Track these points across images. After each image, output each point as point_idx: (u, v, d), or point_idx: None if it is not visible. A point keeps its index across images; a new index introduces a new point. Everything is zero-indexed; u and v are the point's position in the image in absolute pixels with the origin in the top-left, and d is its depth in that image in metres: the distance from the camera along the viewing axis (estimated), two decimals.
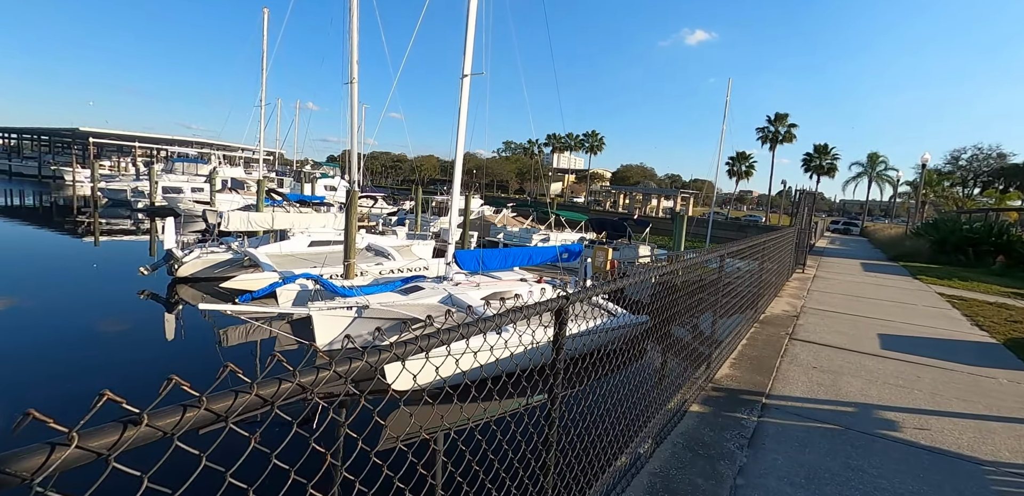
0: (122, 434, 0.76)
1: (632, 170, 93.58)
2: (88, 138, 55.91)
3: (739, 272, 6.35)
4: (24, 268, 15.91)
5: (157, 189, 32.27)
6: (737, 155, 55.00)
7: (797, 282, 10.96)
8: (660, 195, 60.63)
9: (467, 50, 10.57)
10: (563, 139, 77.15)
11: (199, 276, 14.59)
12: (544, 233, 25.57)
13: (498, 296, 11.20)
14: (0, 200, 38.87)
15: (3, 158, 67.76)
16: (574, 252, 12.99)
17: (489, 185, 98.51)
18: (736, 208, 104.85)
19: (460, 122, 10.87)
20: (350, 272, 13.54)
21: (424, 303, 10.25)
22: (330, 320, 9.68)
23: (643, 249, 23.40)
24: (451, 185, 11.53)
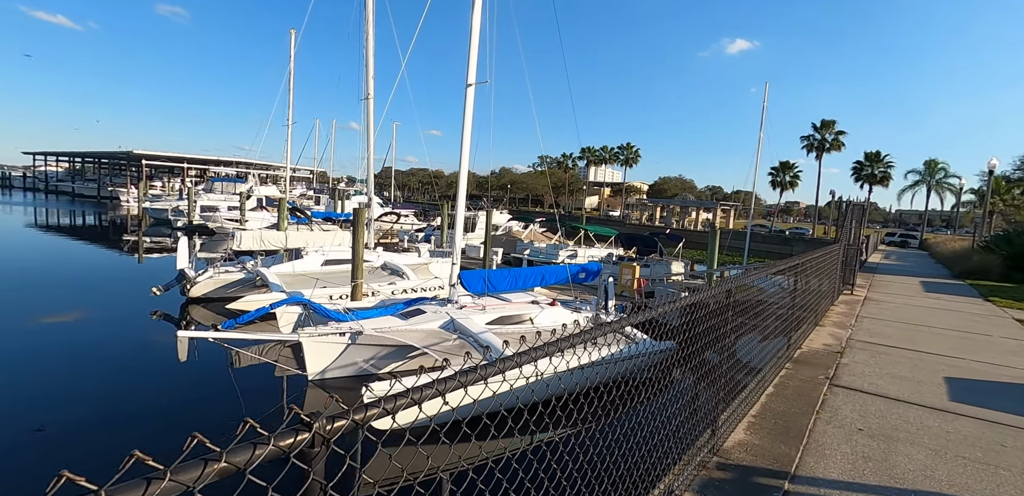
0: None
1: (670, 182, 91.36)
2: (141, 160, 58.88)
3: (778, 291, 5.32)
4: (59, 283, 16.18)
5: (195, 208, 33.23)
6: (780, 165, 52.42)
7: (844, 306, 9.62)
8: (699, 207, 58.50)
9: (471, 59, 9.96)
10: (597, 152, 76.05)
11: (211, 296, 14.39)
12: (572, 249, 24.56)
13: (506, 320, 10.36)
14: (66, 220, 41.63)
15: (67, 181, 72.38)
16: (591, 272, 12.02)
17: (524, 199, 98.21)
18: (782, 220, 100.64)
19: (464, 132, 10.23)
20: (357, 293, 12.99)
21: (423, 329, 9.51)
22: (321, 347, 9.06)
23: (676, 265, 22.07)
24: (456, 198, 10.83)
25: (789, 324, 5.70)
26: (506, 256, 24.88)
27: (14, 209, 48.61)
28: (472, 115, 10.18)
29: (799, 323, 6.28)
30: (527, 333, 10.24)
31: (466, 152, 10.31)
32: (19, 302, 13.99)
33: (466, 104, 10.08)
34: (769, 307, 5.01)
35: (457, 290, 10.65)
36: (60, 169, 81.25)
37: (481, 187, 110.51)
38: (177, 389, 8.52)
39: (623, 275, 17.74)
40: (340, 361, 9.26)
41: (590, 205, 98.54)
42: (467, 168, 10.55)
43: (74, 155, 74.13)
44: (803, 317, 6.58)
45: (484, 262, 20.18)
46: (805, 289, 6.51)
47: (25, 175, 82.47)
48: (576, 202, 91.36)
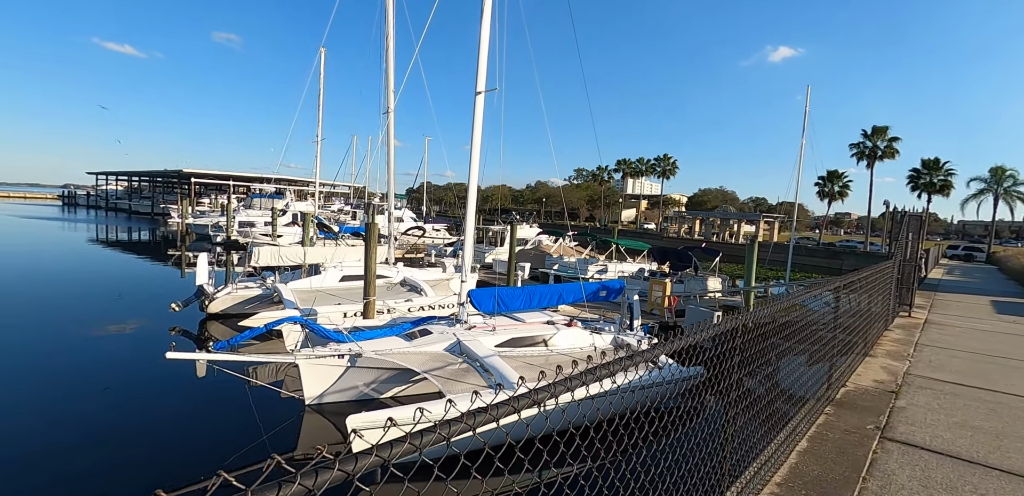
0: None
1: (710, 194, 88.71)
2: (190, 178, 61.61)
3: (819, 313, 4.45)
4: (94, 295, 16.54)
5: (234, 224, 34.13)
6: (828, 174, 49.70)
7: (900, 332, 8.43)
8: (740, 220, 56.19)
9: (480, 66, 9.49)
10: (634, 164, 74.66)
11: (230, 312, 14.29)
12: (602, 264, 23.61)
13: (518, 343, 9.64)
14: (122, 235, 44.02)
15: (125, 199, 76.57)
16: (613, 289, 11.18)
17: (559, 213, 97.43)
18: (832, 232, 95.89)
19: (474, 142, 9.71)
20: (369, 310, 12.57)
21: (427, 351, 8.91)
22: (319, 369, 8.58)
23: (712, 281, 20.80)
24: (466, 210, 10.28)
25: (829, 354, 4.77)
26: (534, 271, 24.15)
27: (77, 226, 51.60)
28: (482, 124, 9.67)
29: (848, 346, 5.32)
30: (540, 357, 9.49)
31: (475, 162, 9.77)
32: (48, 313, 14.29)
33: (475, 113, 9.58)
34: (806, 330, 4.14)
35: (466, 309, 10.03)
36: (120, 188, 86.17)
37: (516, 201, 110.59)
38: (167, 412, 8.19)
39: (653, 292, 16.71)
40: (339, 385, 8.76)
41: (627, 218, 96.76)
42: (476, 179, 10.00)
43: (131, 174, 78.50)
44: (849, 345, 5.59)
45: (508, 278, 19.53)
46: (851, 311, 5.54)
47: (88, 194, 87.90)
48: (613, 215, 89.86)
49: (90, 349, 11.33)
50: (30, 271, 21.39)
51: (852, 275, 5.54)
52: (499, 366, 8.05)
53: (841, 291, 4.85)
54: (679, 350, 2.44)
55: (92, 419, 7.85)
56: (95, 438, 7.31)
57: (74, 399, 8.50)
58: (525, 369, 8.75)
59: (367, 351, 8.54)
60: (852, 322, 5.71)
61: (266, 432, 7.97)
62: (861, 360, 6.20)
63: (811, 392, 4.45)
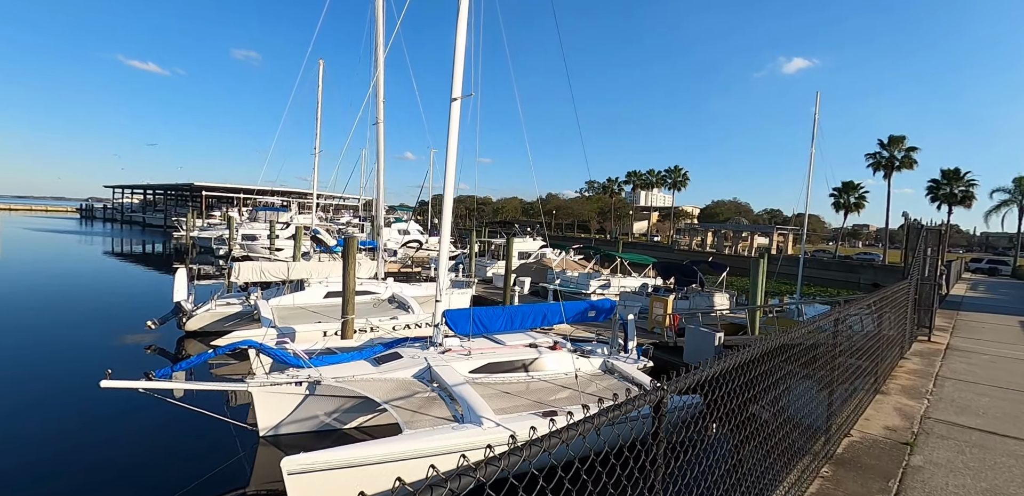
0: None
1: (723, 206, 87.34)
2: (201, 191, 62.16)
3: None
4: (81, 309, 16.12)
5: (237, 237, 33.94)
6: (843, 185, 48.29)
7: (918, 361, 7.51)
8: (754, 232, 54.87)
9: (456, 70, 8.90)
10: (644, 176, 73.81)
11: (209, 330, 13.73)
12: (605, 278, 22.80)
13: (495, 368, 8.87)
14: (134, 248, 44.63)
15: (139, 212, 77.61)
16: (602, 309, 10.40)
17: (570, 225, 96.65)
18: (850, 244, 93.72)
19: (449, 149, 9.09)
20: (347, 329, 11.90)
21: (394, 377, 8.18)
22: (274, 398, 7.89)
23: (719, 297, 19.85)
24: (441, 221, 9.62)
25: (828, 400, 3.96)
26: (535, 286, 23.39)
27: (87, 238, 52.15)
28: (458, 131, 9.04)
29: (846, 396, 4.49)
30: (519, 384, 8.71)
31: (451, 171, 9.13)
32: (26, 325, 13.90)
33: (451, 120, 8.97)
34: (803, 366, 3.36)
35: (441, 331, 9.30)
36: (135, 201, 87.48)
37: (527, 213, 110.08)
38: (106, 442, 7.56)
39: (654, 309, 15.83)
40: (297, 414, 8.06)
41: (639, 230, 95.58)
42: (452, 189, 9.36)
43: (146, 188, 79.63)
44: (857, 375, 4.75)
45: (505, 294, 18.78)
46: (853, 348, 4.71)
47: (105, 207, 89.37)
48: (624, 227, 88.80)
49: (37, 369, 10.78)
50: (20, 285, 21.17)
51: (856, 301, 4.74)
52: (468, 396, 7.29)
53: (841, 323, 4.05)
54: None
55: (22, 448, 7.23)
56: (21, 471, 6.68)
57: (2, 424, 7.91)
58: (500, 398, 7.98)
59: (326, 378, 7.84)
60: (858, 359, 4.89)
61: (216, 466, 7.29)
62: (871, 399, 5.34)
63: (806, 444, 3.64)
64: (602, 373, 9.65)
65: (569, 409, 5.18)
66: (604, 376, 9.51)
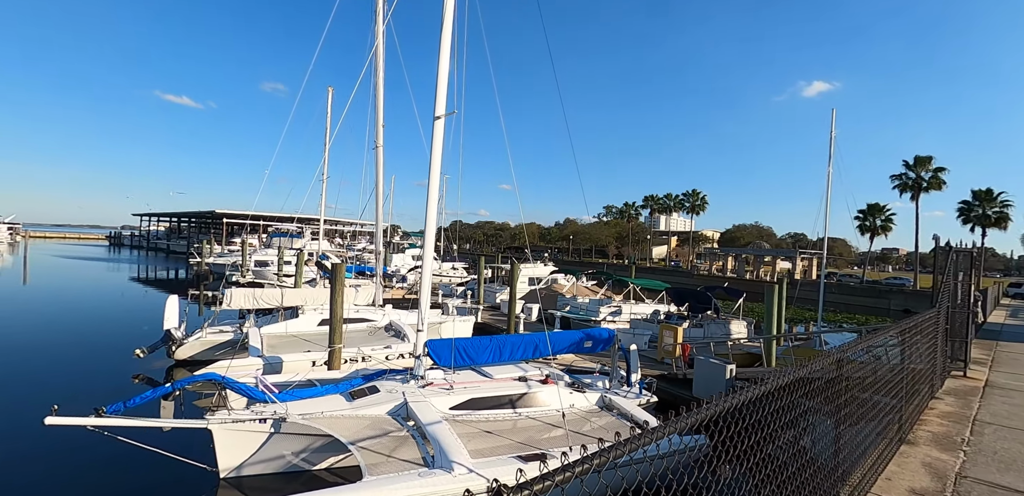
0: None
1: (744, 230, 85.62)
2: (223, 219, 63.41)
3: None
4: (86, 333, 15.94)
5: (250, 263, 34.10)
6: (868, 207, 46.72)
7: (951, 401, 6.59)
8: (776, 256, 53.23)
9: (439, 87, 8.58)
10: (661, 200, 73.00)
11: (198, 359, 13.32)
12: (616, 305, 21.90)
13: (478, 404, 8.17)
14: (160, 274, 46.01)
15: (164, 239, 79.48)
16: (599, 339, 9.67)
17: (588, 250, 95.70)
18: (879, 269, 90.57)
19: (432, 170, 8.68)
20: (335, 360, 11.36)
21: (366, 414, 7.55)
22: (236, 436, 7.30)
23: (736, 325, 18.79)
24: (424, 244, 9.12)
25: (837, 468, 3.22)
26: (543, 313, 22.63)
27: (118, 265, 53.28)
28: (441, 151, 8.65)
29: (863, 454, 3.72)
30: (504, 421, 7.98)
31: (434, 191, 8.69)
32: (15, 349, 13.69)
33: (433, 139, 8.59)
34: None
35: (423, 363, 8.67)
36: (161, 228, 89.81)
37: (544, 238, 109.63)
38: (49, 484, 7.01)
39: (663, 338, 14.94)
40: (262, 454, 7.44)
41: (658, 255, 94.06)
42: (435, 210, 8.90)
43: (171, 216, 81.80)
44: (879, 415, 3.97)
45: (509, 321, 18.08)
46: (882, 382, 3.95)
47: (132, 234, 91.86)
48: (643, 252, 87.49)
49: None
50: (31, 310, 21.27)
51: (874, 334, 4.02)
52: (442, 437, 6.61)
53: (845, 365, 3.34)
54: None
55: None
56: None
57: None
58: (482, 439, 7.26)
59: (292, 414, 7.25)
60: (885, 396, 4.13)
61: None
62: (894, 450, 4.52)
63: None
64: (598, 410, 8.86)
65: (560, 451, 4.09)
66: (600, 413, 8.72)
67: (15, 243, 79.27)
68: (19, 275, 38.62)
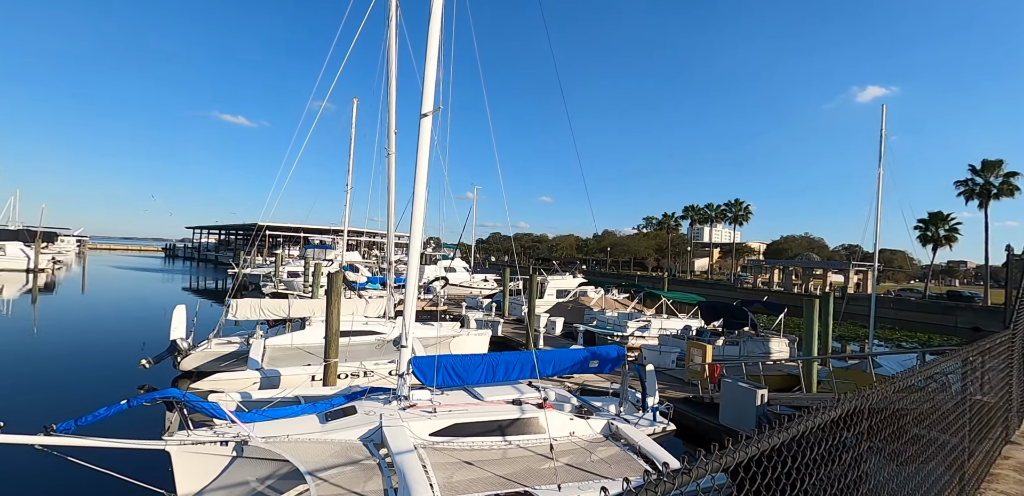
0: None
1: (792, 242, 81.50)
2: (265, 230, 65.36)
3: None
4: (111, 342, 16.13)
5: (282, 274, 34.59)
6: (930, 216, 43.19)
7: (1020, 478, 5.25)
8: (827, 269, 50.02)
9: (427, 80, 7.97)
10: (702, 210, 70.44)
11: (204, 370, 13.06)
12: (645, 319, 20.62)
13: (463, 430, 7.32)
14: (209, 284, 47.78)
15: (212, 251, 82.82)
16: (607, 358, 8.68)
17: (627, 263, 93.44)
18: (945, 283, 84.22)
19: (419, 172, 8.02)
20: (330, 375, 10.78)
21: (337, 439, 6.84)
22: (197, 459, 6.71)
23: (776, 343, 17.22)
24: (410, 252, 8.44)
25: None
26: (568, 327, 21.59)
27: (172, 276, 55.76)
28: (428, 152, 7.99)
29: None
30: (491, 451, 7.10)
31: (420, 195, 8.02)
32: (28, 358, 13.84)
33: (420, 138, 7.94)
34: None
35: (407, 382, 7.92)
36: (212, 241, 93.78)
37: (582, 250, 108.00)
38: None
39: (691, 357, 13.68)
40: (224, 479, 6.81)
41: (700, 268, 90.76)
42: (421, 217, 8.21)
43: (220, 228, 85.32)
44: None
45: (527, 336, 17.17)
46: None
47: (185, 246, 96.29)
48: (685, 265, 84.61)
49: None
50: (70, 318, 21.94)
51: (949, 357, 3.00)
52: (408, 470, 5.80)
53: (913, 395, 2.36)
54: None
55: None
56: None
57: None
58: (461, 471, 6.41)
59: (255, 437, 6.63)
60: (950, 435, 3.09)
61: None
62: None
63: None
64: (603, 439, 7.84)
65: (549, 488, 3.93)
66: (604, 443, 7.70)
67: (83, 254, 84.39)
68: (79, 285, 40.78)
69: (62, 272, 51.69)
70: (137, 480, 6.55)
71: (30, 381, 12.70)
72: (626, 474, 6.75)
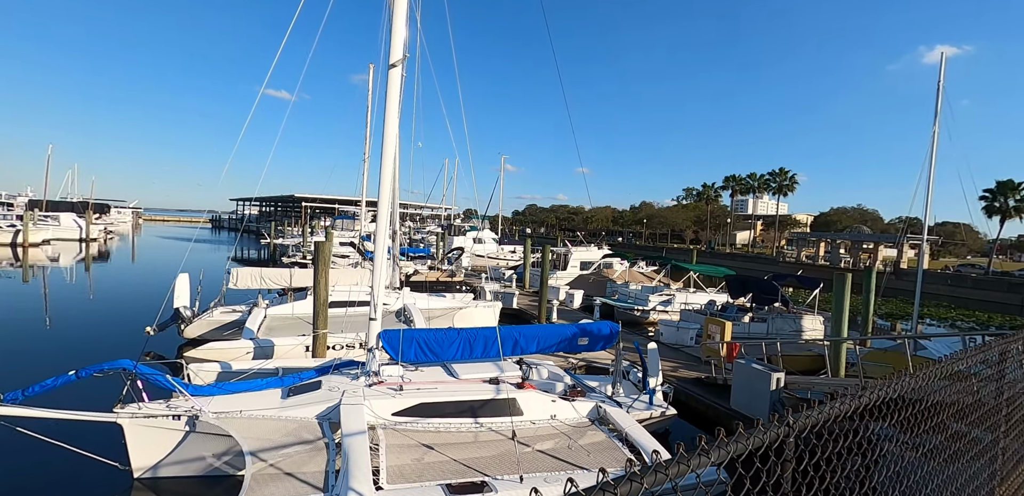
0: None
1: (843, 214, 76.74)
2: (302, 202, 66.61)
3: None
4: (131, 309, 16.56)
5: (309, 244, 34.97)
6: (998, 185, 39.29)
7: None
8: (878, 242, 46.76)
9: (396, 25, 7.07)
10: (744, 180, 66.82)
11: (207, 337, 13.06)
12: (668, 293, 19.58)
13: (430, 410, 6.76)
14: (252, 254, 49.24)
15: (253, 222, 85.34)
16: (599, 335, 7.89)
17: (664, 235, 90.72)
18: (1015, 259, 78.04)
19: (388, 126, 7.24)
20: (319, 346, 10.44)
21: (292, 417, 6.41)
22: (151, 433, 6.43)
23: (810, 320, 15.91)
24: (377, 220, 7.77)
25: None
26: (588, 300, 20.77)
27: (220, 247, 58.01)
28: (397, 105, 7.17)
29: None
30: (459, 433, 6.52)
31: (389, 154, 7.26)
32: (49, 324, 14.23)
33: (388, 92, 7.12)
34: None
35: (376, 357, 7.38)
36: (253, 212, 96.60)
37: (617, 222, 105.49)
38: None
39: (708, 333, 12.69)
40: (180, 454, 6.54)
41: (742, 241, 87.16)
42: (390, 180, 7.47)
43: (261, 200, 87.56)
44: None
45: (540, 309, 16.49)
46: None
47: (230, 218, 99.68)
48: (726, 237, 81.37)
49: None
50: (106, 285, 22.72)
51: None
52: (354, 454, 5.28)
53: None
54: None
55: None
56: None
57: None
58: (418, 455, 5.87)
59: (206, 412, 6.26)
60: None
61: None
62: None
63: None
64: (588, 423, 7.14)
65: (510, 479, 3.99)
66: (589, 428, 7.00)
67: (138, 225, 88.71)
68: (129, 254, 42.72)
69: (115, 242, 54.22)
70: (90, 452, 6.33)
71: (40, 346, 13.02)
72: (606, 464, 6.06)
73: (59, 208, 52.84)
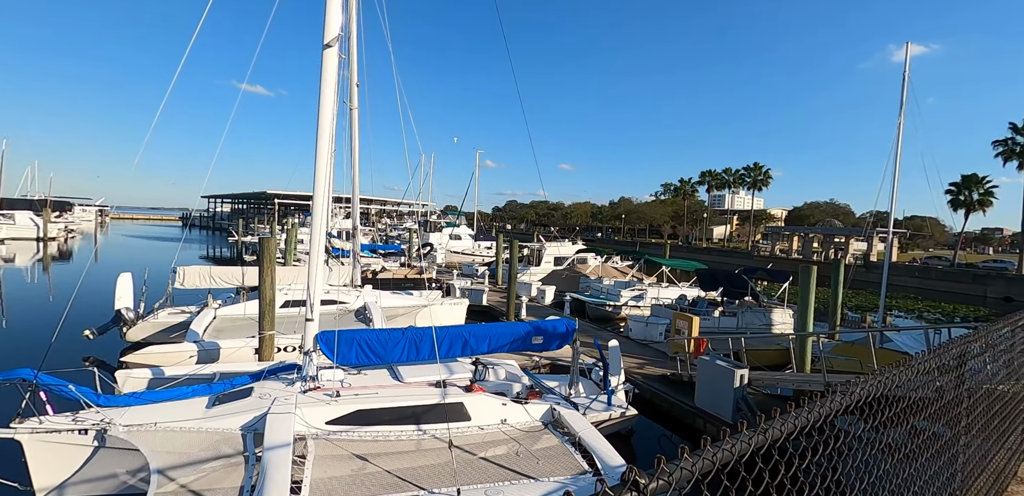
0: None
1: (816, 208, 78.07)
2: (274, 199, 64.99)
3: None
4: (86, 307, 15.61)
5: (280, 242, 33.99)
6: (963, 179, 40.12)
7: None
8: (849, 236, 47.50)
9: (329, 5, 6.52)
10: (719, 175, 67.35)
11: (153, 340, 12.31)
12: (640, 288, 19.34)
13: (367, 417, 6.26)
14: (223, 252, 47.85)
15: (225, 220, 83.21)
16: (554, 334, 7.47)
17: (643, 230, 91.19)
18: (978, 251, 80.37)
19: (322, 111, 6.70)
20: (265, 349, 9.83)
21: (214, 429, 5.84)
22: (54, 449, 5.81)
23: (779, 313, 15.82)
24: (312, 214, 7.25)
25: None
26: (560, 296, 20.43)
27: (191, 246, 56.23)
28: (334, 88, 6.63)
29: None
30: (402, 441, 6.05)
31: (324, 144, 6.74)
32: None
33: (323, 74, 6.57)
34: None
35: (313, 361, 6.85)
36: (227, 210, 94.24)
37: (596, 217, 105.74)
38: None
39: (676, 329, 12.42)
40: (88, 472, 5.93)
41: (719, 235, 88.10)
42: (325, 171, 6.96)
43: (233, 197, 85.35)
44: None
45: (508, 305, 16.06)
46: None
47: (201, 216, 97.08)
48: (703, 232, 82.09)
49: None
50: (61, 286, 21.58)
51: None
52: (272, 469, 4.77)
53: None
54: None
55: None
56: None
57: None
58: (350, 467, 5.38)
59: (116, 426, 5.67)
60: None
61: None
62: None
63: None
64: (541, 427, 6.73)
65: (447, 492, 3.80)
66: (542, 433, 6.59)
67: (104, 223, 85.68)
68: (91, 253, 41.01)
69: (76, 241, 52.13)
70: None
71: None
72: (555, 471, 5.66)
73: (16, 206, 50.65)
